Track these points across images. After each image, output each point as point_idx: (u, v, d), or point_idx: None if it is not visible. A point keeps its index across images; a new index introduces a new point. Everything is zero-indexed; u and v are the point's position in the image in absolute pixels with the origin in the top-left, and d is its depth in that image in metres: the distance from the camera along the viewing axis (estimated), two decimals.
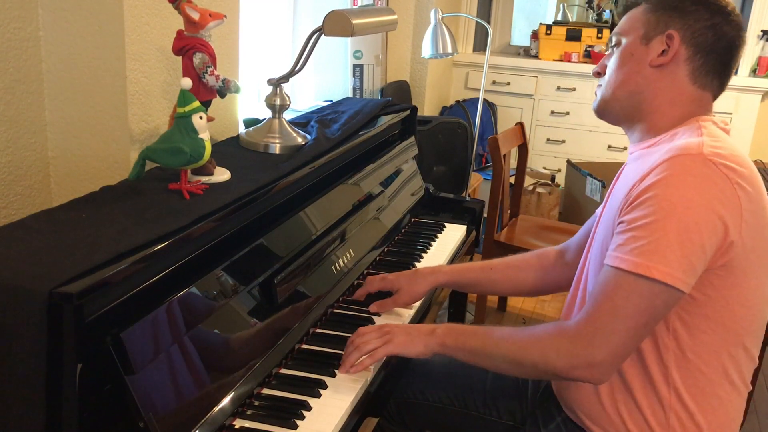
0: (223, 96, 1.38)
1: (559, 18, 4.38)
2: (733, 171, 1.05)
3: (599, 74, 1.26)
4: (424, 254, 1.78)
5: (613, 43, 1.25)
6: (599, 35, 3.84)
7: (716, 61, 1.17)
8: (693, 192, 1.03)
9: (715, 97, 1.20)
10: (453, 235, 1.93)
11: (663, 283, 1.02)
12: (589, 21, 4.48)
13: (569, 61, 3.88)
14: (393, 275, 1.51)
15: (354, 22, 1.48)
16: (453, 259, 1.81)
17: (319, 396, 1.16)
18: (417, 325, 1.27)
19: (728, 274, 1.07)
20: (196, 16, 1.28)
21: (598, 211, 1.32)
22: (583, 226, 1.46)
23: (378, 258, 1.72)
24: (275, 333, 1.22)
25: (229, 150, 1.52)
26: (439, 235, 1.91)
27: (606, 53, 1.28)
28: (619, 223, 1.09)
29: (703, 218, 1.02)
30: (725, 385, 1.14)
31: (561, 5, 4.36)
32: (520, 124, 2.95)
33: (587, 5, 4.56)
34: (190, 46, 1.30)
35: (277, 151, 1.52)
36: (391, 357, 1.29)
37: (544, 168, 4.05)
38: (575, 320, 1.10)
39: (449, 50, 2.74)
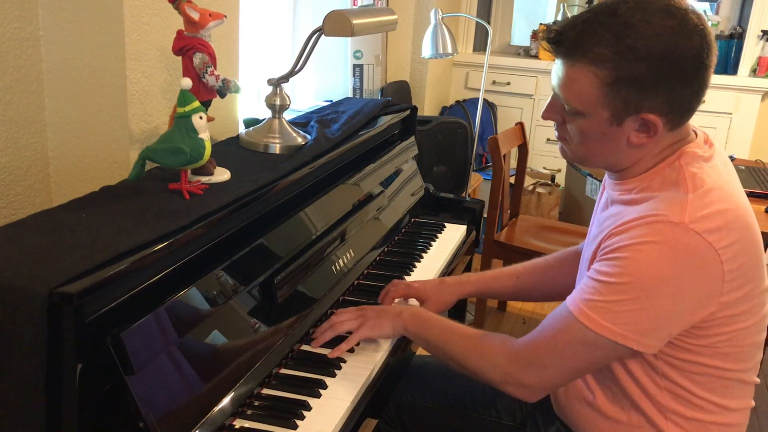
0: (223, 96, 1.38)
1: (559, 18, 4.38)
2: (718, 232, 0.99)
3: (549, 118, 1.15)
4: (424, 254, 1.78)
5: (567, 109, 1.09)
6: None
7: (695, 101, 1.05)
8: (666, 264, 0.99)
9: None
10: (453, 235, 1.93)
11: (610, 339, 1.02)
12: None
13: None
14: (419, 283, 1.49)
15: (354, 22, 1.48)
16: (453, 259, 1.81)
17: (319, 396, 1.16)
18: (388, 307, 1.32)
19: (716, 326, 1.05)
20: (196, 16, 1.28)
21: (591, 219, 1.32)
22: None
23: (378, 258, 1.72)
24: (275, 333, 1.22)
25: (229, 150, 1.52)
26: (439, 235, 1.91)
27: (554, 98, 1.12)
28: (591, 267, 1.09)
29: (671, 292, 1.00)
30: (725, 413, 1.13)
31: (561, 5, 4.36)
32: (520, 124, 2.95)
33: (587, 5, 4.56)
34: (190, 46, 1.30)
35: (277, 151, 1.52)
36: (390, 358, 1.30)
37: (544, 168, 4.05)
38: (519, 342, 1.13)
39: (449, 50, 2.74)
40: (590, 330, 1.03)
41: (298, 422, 1.09)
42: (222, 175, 1.31)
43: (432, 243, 1.85)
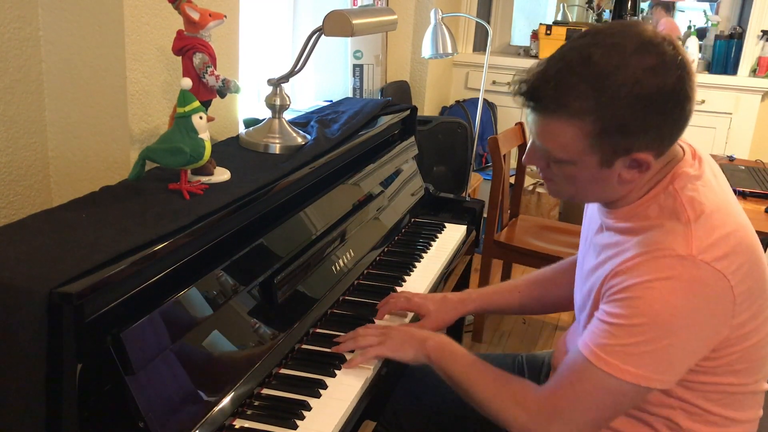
0: (223, 96, 1.38)
1: (559, 18, 4.38)
2: (726, 259, 0.97)
3: (531, 164, 1.11)
4: (424, 254, 1.78)
5: (551, 156, 1.05)
6: None
7: (682, 129, 1.02)
8: (679, 299, 0.96)
9: None
10: (453, 235, 1.93)
11: (632, 383, 1.00)
12: (589, 21, 4.48)
13: None
14: (420, 297, 1.45)
15: (354, 22, 1.48)
16: (453, 259, 1.81)
17: (319, 396, 1.16)
18: (414, 331, 1.28)
19: (728, 346, 1.03)
20: (196, 16, 1.28)
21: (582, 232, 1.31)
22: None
23: (378, 258, 1.72)
24: (275, 333, 1.22)
25: (229, 150, 1.52)
26: (439, 235, 1.91)
27: (533, 144, 1.08)
28: (599, 308, 1.05)
29: (687, 326, 0.98)
30: (737, 425, 1.12)
31: (561, 5, 4.36)
32: (520, 124, 2.95)
33: (587, 5, 4.56)
34: (190, 46, 1.30)
35: (277, 151, 1.52)
36: (389, 360, 1.29)
37: None
38: (539, 395, 1.10)
39: (449, 50, 2.74)
40: (611, 376, 1.00)
41: (298, 422, 1.09)
42: (222, 175, 1.31)
43: (432, 243, 1.85)
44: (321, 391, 1.17)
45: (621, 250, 1.05)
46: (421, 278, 1.66)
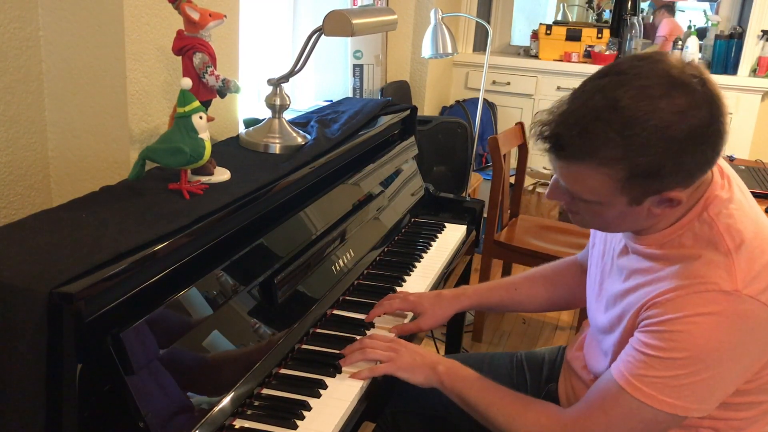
0: (223, 96, 1.38)
1: (559, 18, 4.38)
2: None
3: (555, 199, 1.09)
4: (424, 254, 1.78)
5: (578, 198, 1.03)
6: (599, 35, 3.85)
7: (715, 161, 0.98)
8: (725, 334, 0.95)
9: None
10: (453, 235, 1.93)
11: (671, 414, 0.99)
12: (589, 21, 4.49)
13: (569, 61, 3.89)
14: (415, 296, 1.45)
15: (354, 22, 1.48)
16: (453, 259, 1.81)
17: (319, 396, 1.16)
18: (424, 352, 1.26)
19: (765, 368, 1.02)
20: (196, 16, 1.28)
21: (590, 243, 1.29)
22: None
23: (378, 258, 1.72)
24: (275, 333, 1.22)
25: (229, 150, 1.52)
26: (439, 235, 1.91)
27: (556, 182, 1.05)
28: (634, 335, 1.03)
29: (731, 359, 0.97)
30: None
31: (561, 5, 4.36)
32: (520, 124, 2.95)
33: (587, 5, 4.56)
34: (190, 46, 1.30)
35: (277, 151, 1.52)
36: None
37: (544, 168, 4.05)
38: (566, 417, 1.08)
39: (449, 50, 2.74)
40: (648, 406, 0.99)
41: (298, 422, 1.09)
42: (222, 175, 1.31)
43: (432, 243, 1.85)
44: (321, 391, 1.17)
45: (655, 279, 1.03)
46: (421, 278, 1.66)
